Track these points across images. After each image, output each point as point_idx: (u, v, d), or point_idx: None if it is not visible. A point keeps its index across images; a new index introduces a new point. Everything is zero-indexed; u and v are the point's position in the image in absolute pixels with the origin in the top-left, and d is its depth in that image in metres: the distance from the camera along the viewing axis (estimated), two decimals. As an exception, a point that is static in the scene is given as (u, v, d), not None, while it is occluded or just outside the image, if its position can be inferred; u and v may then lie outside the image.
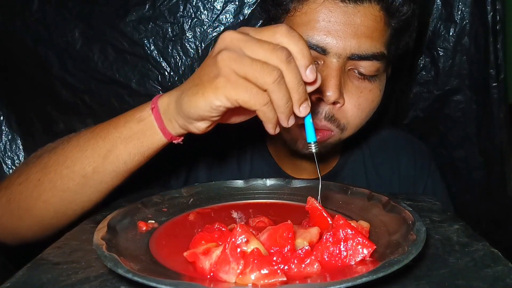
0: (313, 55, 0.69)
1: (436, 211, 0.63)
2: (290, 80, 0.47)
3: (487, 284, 0.41)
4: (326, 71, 0.69)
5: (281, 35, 0.48)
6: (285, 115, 0.49)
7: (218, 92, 0.49)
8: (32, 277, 0.44)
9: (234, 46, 0.48)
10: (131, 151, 0.60)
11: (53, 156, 0.63)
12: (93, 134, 0.61)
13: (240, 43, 0.48)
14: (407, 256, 0.38)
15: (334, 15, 0.68)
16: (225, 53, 0.48)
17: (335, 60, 0.68)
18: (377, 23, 0.69)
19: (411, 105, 1.24)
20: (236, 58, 0.47)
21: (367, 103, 0.73)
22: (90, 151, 0.60)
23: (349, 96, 0.72)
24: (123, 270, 0.37)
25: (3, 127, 1.21)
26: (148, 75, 1.15)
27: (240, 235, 0.41)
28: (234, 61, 0.47)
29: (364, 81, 0.72)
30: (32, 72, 1.17)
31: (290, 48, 0.48)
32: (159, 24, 1.13)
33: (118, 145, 0.59)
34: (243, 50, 0.48)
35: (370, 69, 0.71)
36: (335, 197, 0.62)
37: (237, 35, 0.49)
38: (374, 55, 0.69)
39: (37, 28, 1.13)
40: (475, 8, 1.12)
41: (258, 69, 0.46)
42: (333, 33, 0.68)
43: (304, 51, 0.48)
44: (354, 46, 0.68)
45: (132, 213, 0.56)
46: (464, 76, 1.17)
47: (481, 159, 1.21)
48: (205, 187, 0.67)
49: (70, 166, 0.61)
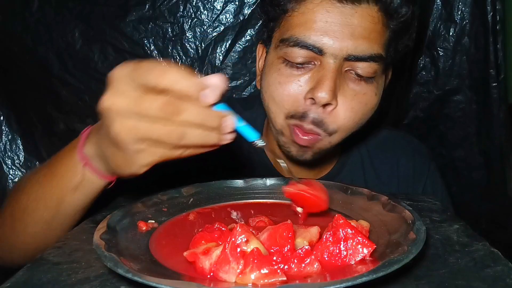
0: (310, 56, 0.69)
1: (436, 211, 0.63)
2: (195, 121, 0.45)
3: (487, 284, 0.41)
4: (321, 72, 0.68)
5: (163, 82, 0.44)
6: (212, 143, 0.47)
7: (138, 163, 0.48)
8: (32, 277, 0.44)
9: (124, 111, 0.45)
10: (80, 197, 0.60)
11: (16, 205, 0.65)
12: (41, 186, 0.62)
13: (129, 106, 0.45)
14: (407, 256, 0.38)
15: (331, 16, 0.67)
16: (120, 125, 0.45)
17: (332, 61, 0.68)
18: (375, 24, 0.68)
19: (411, 105, 1.25)
20: (134, 127, 0.45)
21: (361, 106, 0.72)
22: (43, 202, 0.62)
23: (342, 98, 0.70)
24: (123, 270, 0.37)
25: (3, 127, 1.21)
26: (148, 75, 1.15)
27: (240, 235, 0.41)
28: (133, 132, 0.45)
29: (360, 83, 0.71)
30: (32, 72, 1.17)
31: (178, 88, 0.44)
32: (159, 24, 1.14)
33: (65, 196, 0.60)
34: (134, 112, 0.45)
35: (367, 71, 0.70)
36: (335, 197, 0.62)
37: (121, 100, 0.45)
38: (372, 56, 0.68)
39: (37, 28, 1.13)
40: (475, 8, 1.12)
41: (160, 134, 0.45)
42: (330, 33, 0.67)
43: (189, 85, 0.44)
44: (351, 47, 0.67)
45: (132, 213, 0.56)
46: (464, 76, 1.17)
47: (481, 159, 1.21)
48: (205, 187, 0.67)
49: (31, 214, 0.62)
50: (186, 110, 0.44)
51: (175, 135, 0.45)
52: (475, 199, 1.25)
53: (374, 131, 0.93)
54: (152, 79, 0.43)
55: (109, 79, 0.46)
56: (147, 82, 0.44)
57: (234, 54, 1.16)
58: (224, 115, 0.47)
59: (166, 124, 0.44)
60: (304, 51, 0.69)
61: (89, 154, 0.57)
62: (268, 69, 0.75)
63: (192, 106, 0.45)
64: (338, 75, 0.69)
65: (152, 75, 0.44)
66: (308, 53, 0.69)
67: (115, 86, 0.46)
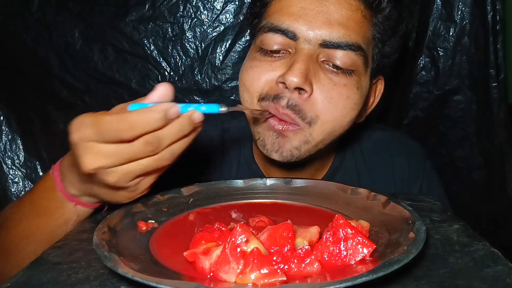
0: (285, 43, 0.68)
1: (436, 211, 0.63)
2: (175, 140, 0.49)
3: (487, 284, 0.41)
4: (294, 57, 0.67)
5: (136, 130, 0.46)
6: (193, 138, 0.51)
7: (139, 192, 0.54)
8: (32, 277, 0.44)
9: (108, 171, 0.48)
10: (68, 228, 0.61)
11: (7, 241, 0.65)
12: (30, 221, 0.63)
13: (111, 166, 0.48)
14: (407, 256, 0.38)
15: (307, 1, 0.66)
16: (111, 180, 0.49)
17: (305, 46, 0.66)
18: (353, 12, 0.67)
19: (411, 105, 1.24)
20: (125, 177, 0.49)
21: (341, 98, 0.68)
22: (33, 238, 0.62)
23: (319, 87, 0.67)
24: (123, 270, 0.37)
25: (3, 127, 1.21)
26: (148, 75, 1.15)
27: (240, 235, 0.41)
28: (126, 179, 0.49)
29: (338, 75, 0.68)
30: (32, 72, 1.17)
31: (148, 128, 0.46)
32: (159, 24, 1.14)
33: (58, 229, 0.60)
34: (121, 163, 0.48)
35: (345, 61, 0.67)
36: (335, 197, 0.62)
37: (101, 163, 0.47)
38: (348, 44, 0.66)
39: (37, 28, 1.13)
40: (475, 8, 1.12)
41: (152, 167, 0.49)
42: (304, 18, 0.66)
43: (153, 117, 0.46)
44: (326, 33, 0.66)
45: (132, 213, 0.56)
46: (464, 76, 1.17)
47: (481, 159, 1.21)
48: (205, 187, 0.67)
49: (22, 250, 0.63)
50: (166, 136, 0.48)
51: (167, 158, 0.49)
52: (475, 199, 1.24)
53: (367, 132, 0.92)
54: (126, 135, 0.46)
55: (73, 143, 0.48)
56: (122, 138, 0.46)
57: (234, 54, 1.16)
58: (191, 114, 0.49)
59: (155, 156, 0.48)
60: (278, 36, 0.68)
61: (76, 194, 0.59)
62: (245, 60, 0.74)
63: (168, 129, 0.48)
64: (312, 61, 0.67)
65: (124, 131, 0.46)
66: (282, 39, 0.68)
67: (86, 149, 0.48)
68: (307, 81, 0.66)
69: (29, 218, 0.63)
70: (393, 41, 0.74)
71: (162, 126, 0.47)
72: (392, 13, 0.70)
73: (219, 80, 1.18)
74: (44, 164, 1.23)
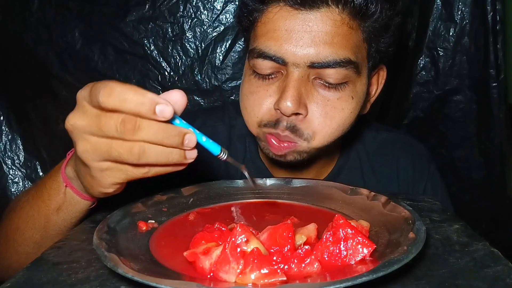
0: (275, 67, 0.68)
1: (436, 211, 0.63)
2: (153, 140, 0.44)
3: (487, 284, 0.41)
4: (285, 81, 0.67)
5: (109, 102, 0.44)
6: (175, 161, 0.46)
7: (102, 184, 0.49)
8: (32, 277, 0.44)
9: (84, 133, 0.46)
10: (65, 218, 0.61)
11: (8, 225, 0.66)
12: (30, 206, 0.63)
13: (86, 128, 0.46)
14: (407, 256, 0.38)
15: (290, 23, 0.66)
16: (80, 147, 0.46)
17: (295, 70, 0.66)
18: (338, 27, 0.65)
19: (411, 105, 1.25)
20: (93, 149, 0.46)
21: (336, 112, 0.69)
22: (31, 223, 0.63)
23: (313, 106, 0.68)
24: (123, 270, 0.37)
25: (3, 127, 1.21)
26: (148, 75, 1.16)
27: (240, 234, 0.41)
28: (93, 153, 0.46)
29: (330, 90, 0.68)
30: (32, 72, 1.17)
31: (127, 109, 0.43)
32: (159, 24, 1.14)
33: (51, 216, 0.61)
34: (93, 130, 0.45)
35: (336, 77, 0.67)
36: (335, 197, 0.62)
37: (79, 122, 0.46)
38: (337, 62, 0.65)
39: (37, 28, 1.13)
40: (475, 8, 1.12)
41: (119, 152, 0.44)
42: (289, 42, 0.65)
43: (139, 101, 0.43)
44: (313, 54, 0.65)
45: (132, 213, 0.56)
46: (464, 76, 1.17)
47: (481, 159, 1.21)
48: (205, 187, 0.67)
49: (21, 235, 0.64)
50: (143, 128, 0.43)
51: (134, 152, 0.44)
52: (475, 199, 1.25)
53: (372, 133, 0.92)
54: (102, 99, 0.43)
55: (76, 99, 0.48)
56: (99, 102, 0.44)
57: (234, 54, 1.17)
58: (186, 132, 0.46)
59: (124, 142, 0.44)
60: (268, 62, 0.68)
61: (69, 175, 0.58)
62: (242, 79, 0.76)
63: (150, 123, 0.44)
64: (304, 83, 0.67)
65: (101, 94, 0.43)
66: (272, 64, 0.68)
67: (78, 106, 0.47)
68: (301, 105, 0.67)
69: (31, 201, 0.63)
70: (388, 35, 0.73)
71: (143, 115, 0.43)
72: (380, 14, 0.68)
73: (219, 80, 1.18)
74: (44, 164, 1.23)
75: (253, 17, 0.71)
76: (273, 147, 0.71)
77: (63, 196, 0.60)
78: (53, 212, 0.60)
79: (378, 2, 0.67)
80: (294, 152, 0.72)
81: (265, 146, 0.75)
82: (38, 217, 0.62)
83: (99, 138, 0.45)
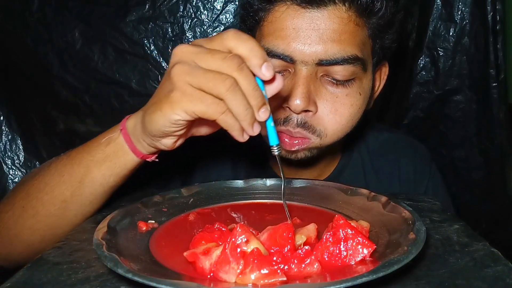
0: (283, 65, 0.69)
1: (436, 211, 0.63)
2: (244, 86, 0.46)
3: (487, 284, 0.41)
4: (294, 79, 0.68)
5: (229, 40, 0.48)
6: (246, 122, 0.48)
7: (175, 106, 0.49)
8: (32, 277, 0.44)
9: (186, 59, 0.48)
10: (105, 173, 0.60)
11: (35, 183, 0.64)
12: (69, 159, 0.63)
13: (192, 55, 0.48)
14: (407, 256, 0.38)
15: (297, 22, 0.66)
16: (178, 67, 0.48)
17: (303, 67, 0.67)
18: (345, 25, 0.66)
19: (411, 105, 1.24)
20: (189, 71, 0.47)
21: (345, 108, 0.70)
22: (67, 176, 0.61)
23: (323, 103, 0.69)
24: (123, 270, 0.37)
25: (3, 127, 1.21)
26: (148, 75, 1.15)
27: (240, 235, 0.41)
28: (187, 74, 0.47)
29: (339, 86, 0.69)
30: (32, 72, 1.17)
31: (240, 51, 0.47)
32: (159, 24, 1.13)
33: (92, 168, 0.60)
34: (195, 62, 0.48)
35: (344, 74, 0.68)
36: (335, 197, 0.62)
37: (188, 48, 0.49)
38: (345, 59, 0.66)
39: (37, 28, 1.13)
40: (475, 8, 1.12)
41: (211, 79, 0.46)
42: (297, 40, 0.66)
43: (254, 50, 0.47)
44: (321, 52, 0.66)
45: (132, 213, 0.56)
46: (464, 76, 1.17)
47: (481, 159, 1.21)
48: (205, 187, 0.67)
49: (49, 192, 0.62)
50: (244, 70, 0.46)
51: (226, 83, 0.46)
52: (475, 199, 1.25)
53: (374, 133, 0.93)
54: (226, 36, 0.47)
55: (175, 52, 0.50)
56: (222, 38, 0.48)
57: (234, 54, 1.16)
58: (265, 102, 0.48)
59: (219, 74, 0.46)
60: (276, 60, 0.68)
61: (129, 126, 0.58)
62: None
63: (249, 72, 0.47)
64: (312, 80, 0.68)
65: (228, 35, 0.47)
66: (280, 63, 0.68)
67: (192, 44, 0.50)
68: (311, 102, 0.68)
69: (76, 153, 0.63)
70: (392, 31, 0.74)
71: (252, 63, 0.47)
72: (385, 11, 0.70)
73: (219, 80, 1.18)
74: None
75: (258, 17, 0.72)
76: (285, 144, 0.72)
77: (113, 145, 0.59)
78: (96, 163, 0.60)
79: (384, 0, 0.69)
80: (305, 149, 0.72)
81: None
82: (77, 168, 0.61)
83: (199, 67, 0.47)
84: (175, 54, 0.49)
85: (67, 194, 0.61)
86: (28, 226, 0.63)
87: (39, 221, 0.63)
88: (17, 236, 0.65)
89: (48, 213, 0.62)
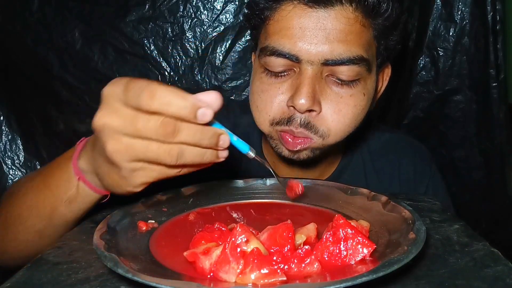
0: (288, 64, 0.68)
1: (436, 211, 0.63)
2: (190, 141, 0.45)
3: (487, 284, 0.41)
4: (300, 78, 0.67)
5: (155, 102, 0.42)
6: (210, 160, 0.47)
7: (132, 181, 0.47)
8: (32, 277, 0.44)
9: (113, 134, 0.44)
10: (73, 210, 0.60)
11: (10, 211, 0.64)
12: (36, 193, 0.62)
13: (119, 129, 0.44)
14: (407, 256, 0.38)
15: (304, 21, 0.66)
16: (111, 147, 0.45)
17: (309, 67, 0.67)
18: (351, 25, 0.66)
19: (411, 105, 1.25)
20: (127, 148, 0.44)
21: (349, 108, 0.70)
22: (36, 211, 0.61)
23: (327, 103, 0.69)
24: (123, 270, 0.37)
25: (3, 127, 1.21)
26: (148, 75, 1.16)
27: (240, 234, 0.41)
28: (126, 152, 0.45)
29: (343, 87, 0.69)
30: (32, 72, 1.17)
31: (171, 113, 0.43)
32: (159, 24, 1.14)
33: (59, 207, 0.59)
34: (128, 131, 0.44)
35: (349, 74, 0.68)
36: (335, 197, 0.62)
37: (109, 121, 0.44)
38: (350, 59, 0.66)
39: (37, 28, 1.13)
40: (475, 8, 1.12)
41: (155, 154, 0.44)
42: (303, 39, 0.66)
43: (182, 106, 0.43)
44: (327, 52, 0.66)
45: (132, 213, 0.56)
46: (464, 76, 1.17)
47: (481, 159, 1.21)
48: (205, 187, 0.67)
49: (23, 223, 0.62)
50: (183, 130, 0.44)
51: (172, 154, 0.44)
52: (475, 199, 1.25)
53: (375, 133, 0.93)
54: (143, 102, 0.42)
55: (102, 96, 0.46)
56: (139, 105, 0.43)
57: (234, 54, 1.17)
58: (220, 132, 0.47)
59: (163, 144, 0.44)
60: (281, 59, 0.68)
61: (83, 169, 0.56)
62: (253, 77, 0.75)
63: (189, 126, 0.44)
64: (318, 80, 0.68)
65: (143, 97, 0.42)
66: (285, 62, 0.68)
67: (108, 104, 0.45)
68: (316, 102, 0.68)
69: (38, 188, 0.62)
70: (397, 33, 0.75)
71: (184, 118, 0.43)
72: (391, 12, 0.70)
73: (219, 80, 1.18)
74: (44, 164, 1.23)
75: (264, 15, 0.72)
76: (288, 143, 0.71)
77: (75, 190, 0.58)
78: (62, 204, 0.59)
79: (390, 1, 0.69)
80: (308, 149, 0.72)
81: (278, 144, 0.75)
82: (43, 206, 0.60)
83: (133, 139, 0.44)
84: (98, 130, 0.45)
85: (39, 226, 0.61)
86: (12, 246, 0.65)
87: (19, 244, 0.64)
88: (5, 251, 0.66)
89: (25, 240, 0.63)
